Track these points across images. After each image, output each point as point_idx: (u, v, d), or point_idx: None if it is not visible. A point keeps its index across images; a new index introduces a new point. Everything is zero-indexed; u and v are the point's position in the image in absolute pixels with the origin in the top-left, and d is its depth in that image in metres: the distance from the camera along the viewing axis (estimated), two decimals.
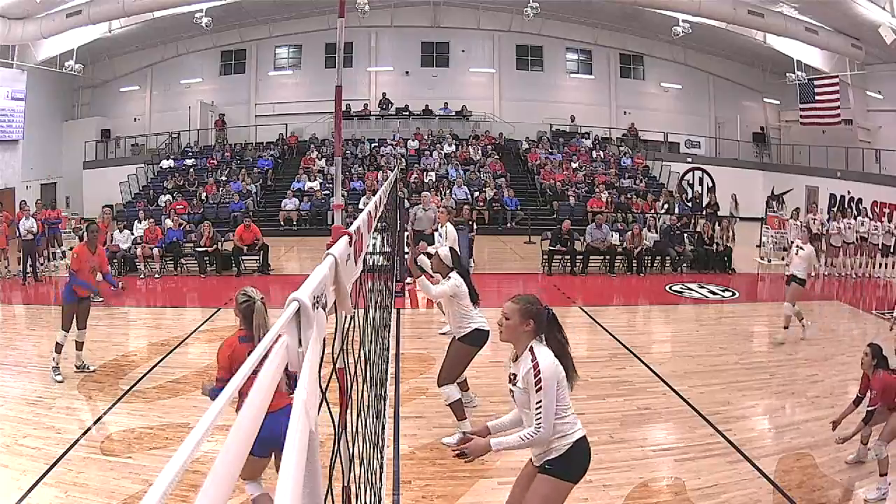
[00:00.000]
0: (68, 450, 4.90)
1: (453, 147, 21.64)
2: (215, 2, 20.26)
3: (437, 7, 23.54)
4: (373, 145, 21.78)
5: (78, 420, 5.53)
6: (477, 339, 5.20)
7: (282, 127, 23.18)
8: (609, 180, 19.45)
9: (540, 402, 2.91)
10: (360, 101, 23.46)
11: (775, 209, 17.60)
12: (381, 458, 3.93)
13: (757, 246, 16.19)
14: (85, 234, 7.53)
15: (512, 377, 3.09)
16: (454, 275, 5.24)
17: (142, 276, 12.63)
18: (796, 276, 8.11)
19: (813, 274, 12.06)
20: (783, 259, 14.27)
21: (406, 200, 13.32)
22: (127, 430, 5.33)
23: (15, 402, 5.92)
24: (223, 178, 19.73)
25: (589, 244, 13.16)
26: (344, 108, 12.10)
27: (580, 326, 9.15)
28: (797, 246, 8.26)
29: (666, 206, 17.30)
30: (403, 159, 20.41)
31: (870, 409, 4.67)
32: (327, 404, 1.66)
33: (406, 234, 11.17)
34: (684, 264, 13.35)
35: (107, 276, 7.04)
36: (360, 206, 15.09)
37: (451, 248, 5.87)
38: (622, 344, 7.97)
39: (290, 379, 1.10)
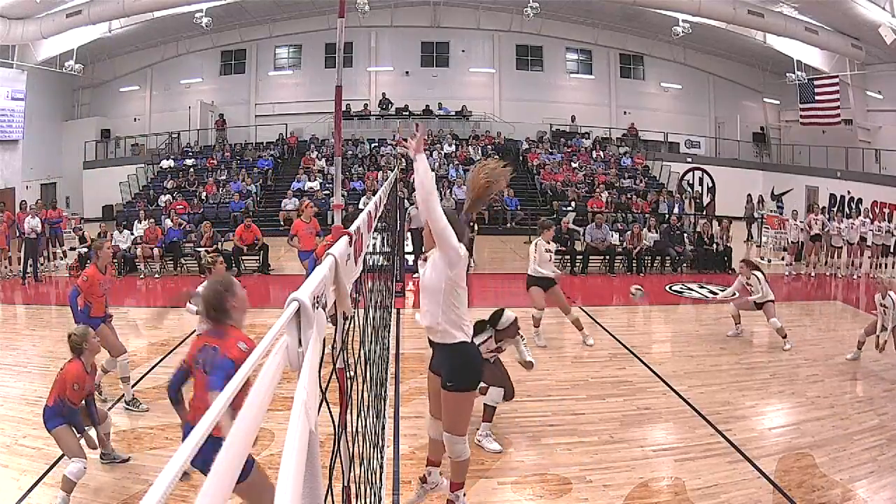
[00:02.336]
0: None
1: (453, 147, 21.64)
2: (215, 2, 20.25)
3: (437, 7, 23.53)
4: (373, 145, 21.78)
5: None
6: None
7: (282, 127, 23.18)
8: (609, 180, 19.45)
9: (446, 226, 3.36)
10: (360, 101, 23.45)
11: (761, 209, 17.71)
12: (381, 458, 3.93)
13: (757, 245, 16.19)
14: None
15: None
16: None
17: (142, 275, 12.64)
18: None
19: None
20: (782, 259, 14.31)
21: (406, 200, 13.34)
22: (127, 430, 5.33)
23: (15, 402, 5.92)
24: (223, 178, 19.74)
25: (589, 244, 13.16)
26: (344, 108, 12.10)
27: None
28: None
29: (672, 205, 17.28)
30: (403, 159, 20.41)
31: None
32: (327, 404, 1.66)
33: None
34: (684, 264, 13.35)
35: None
36: (360, 206, 15.10)
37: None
38: (622, 344, 7.97)
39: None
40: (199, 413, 0.95)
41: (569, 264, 13.05)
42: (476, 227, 14.70)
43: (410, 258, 12.10)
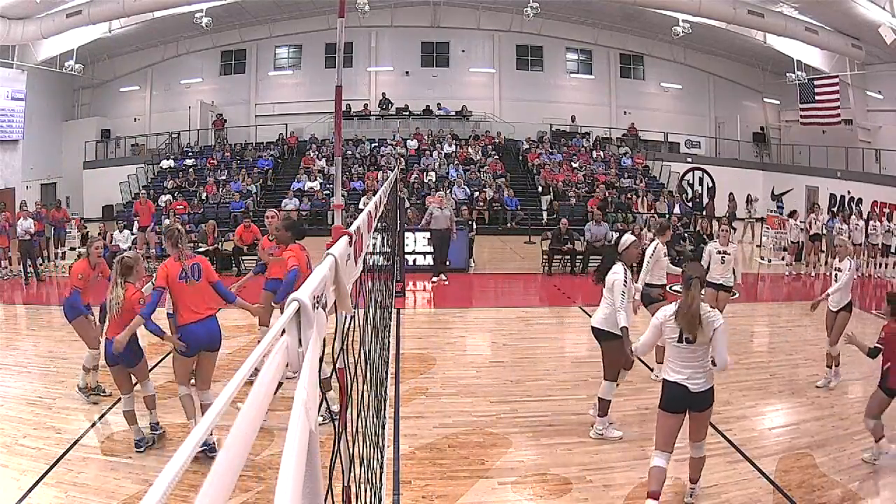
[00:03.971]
0: (68, 450, 4.90)
1: (453, 147, 21.64)
2: (215, 2, 20.25)
3: (437, 7, 23.53)
4: (373, 145, 21.78)
5: (78, 420, 5.53)
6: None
7: (282, 127, 23.18)
8: (609, 180, 19.46)
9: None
10: (360, 101, 23.45)
11: (750, 208, 17.71)
12: (381, 458, 3.93)
13: (757, 246, 16.21)
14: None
15: None
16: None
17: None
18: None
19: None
20: (782, 259, 14.31)
21: (406, 200, 13.34)
22: (127, 430, 5.32)
23: (15, 402, 5.92)
24: (223, 177, 19.74)
25: (589, 242, 13.16)
26: (344, 108, 12.12)
27: (580, 326, 9.13)
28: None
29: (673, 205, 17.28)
30: (403, 159, 20.41)
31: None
32: (328, 404, 1.66)
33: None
34: (684, 264, 13.34)
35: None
36: (360, 206, 15.10)
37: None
38: None
39: None
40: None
41: (569, 264, 13.04)
42: (476, 227, 14.73)
43: (411, 258, 12.11)
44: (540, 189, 18.95)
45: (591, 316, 9.36)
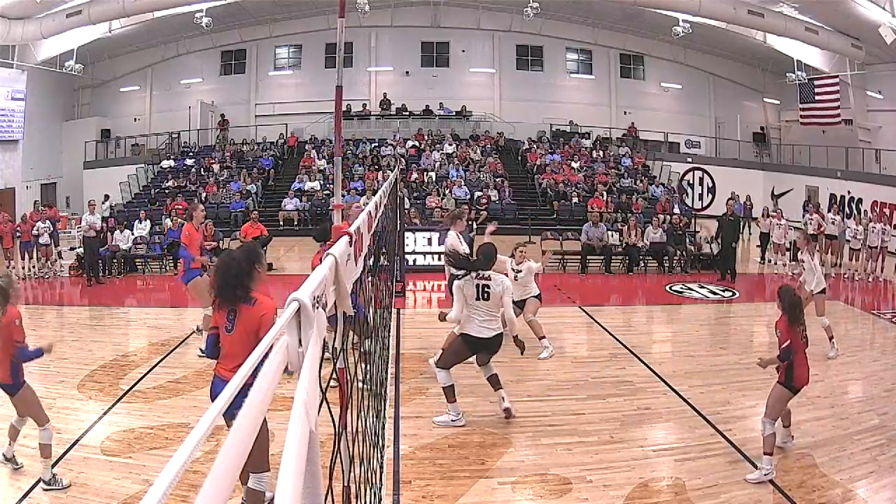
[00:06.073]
0: (68, 450, 4.90)
1: (453, 147, 21.63)
2: (215, 2, 20.25)
3: (437, 7, 23.52)
4: (373, 145, 21.77)
5: (78, 420, 5.53)
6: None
7: (282, 127, 23.18)
8: (609, 180, 19.44)
9: None
10: (360, 101, 23.45)
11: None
12: (381, 458, 3.93)
13: (757, 246, 16.19)
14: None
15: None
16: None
17: (145, 272, 12.69)
18: None
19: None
20: (782, 258, 14.30)
21: (406, 199, 13.32)
22: (127, 430, 5.33)
23: None
24: (223, 177, 19.73)
25: (585, 243, 13.16)
26: (344, 108, 12.10)
27: (580, 326, 9.15)
28: None
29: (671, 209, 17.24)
30: (403, 159, 20.41)
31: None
32: (327, 404, 1.66)
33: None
34: (685, 264, 13.35)
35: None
36: (360, 205, 15.08)
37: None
38: (622, 344, 7.97)
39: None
40: None
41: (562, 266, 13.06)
42: (476, 227, 14.69)
43: (411, 258, 12.10)
44: (556, 212, 18.58)
45: (591, 316, 9.40)
